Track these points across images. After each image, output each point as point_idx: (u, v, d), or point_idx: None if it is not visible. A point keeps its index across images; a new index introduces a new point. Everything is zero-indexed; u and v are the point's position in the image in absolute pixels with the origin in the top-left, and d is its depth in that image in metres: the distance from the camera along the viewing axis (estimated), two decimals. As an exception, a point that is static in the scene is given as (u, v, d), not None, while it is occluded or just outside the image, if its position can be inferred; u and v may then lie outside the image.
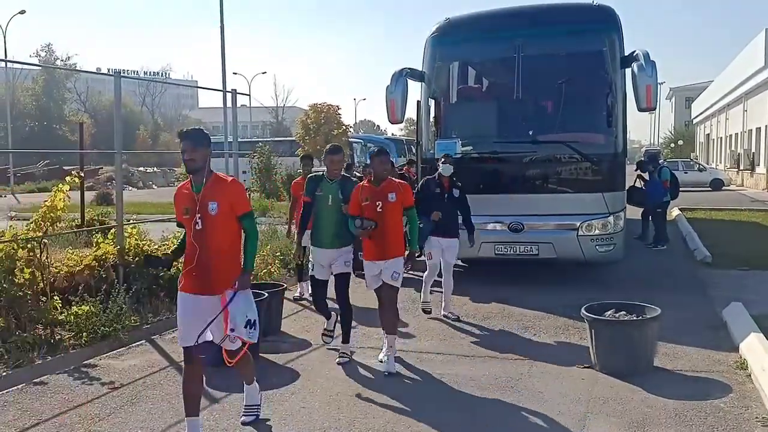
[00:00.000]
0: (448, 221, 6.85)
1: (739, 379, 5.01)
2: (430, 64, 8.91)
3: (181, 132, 3.99)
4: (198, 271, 3.86)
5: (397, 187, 5.43)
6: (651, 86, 7.58)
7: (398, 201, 5.36)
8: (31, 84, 59.99)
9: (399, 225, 5.48)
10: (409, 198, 5.49)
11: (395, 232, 5.44)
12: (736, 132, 37.04)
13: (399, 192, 5.38)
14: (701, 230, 12.90)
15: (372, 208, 5.33)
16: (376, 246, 5.37)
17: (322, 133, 26.91)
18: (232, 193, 3.92)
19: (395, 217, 5.41)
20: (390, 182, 5.46)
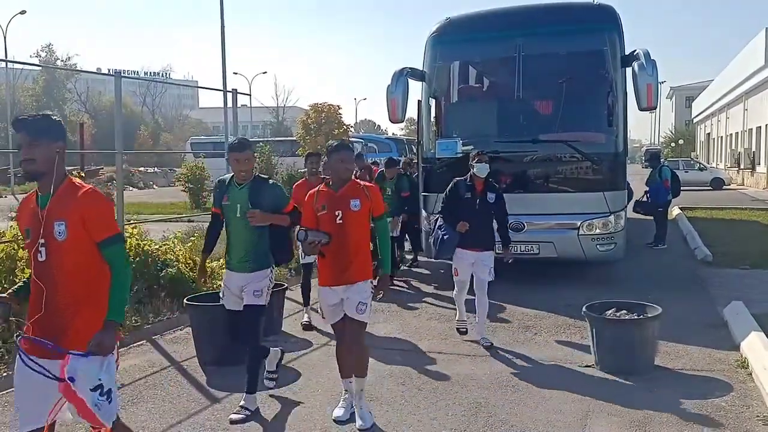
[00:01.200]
0: (479, 231, 5.88)
1: (740, 377, 5.00)
2: (431, 63, 8.91)
3: (15, 120, 2.77)
4: (44, 322, 2.69)
5: (362, 192, 4.25)
6: (651, 85, 7.58)
7: (364, 209, 4.22)
8: (32, 84, 60.07)
9: (365, 240, 4.33)
10: (379, 205, 4.34)
11: (360, 249, 4.26)
12: (736, 131, 37.03)
13: (365, 198, 4.22)
14: (702, 229, 12.90)
15: (330, 219, 4.18)
16: (334, 267, 4.20)
17: (322, 133, 26.88)
18: (86, 209, 2.72)
19: (360, 231, 4.25)
20: (353, 186, 4.28)
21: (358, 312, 4.20)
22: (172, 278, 7.21)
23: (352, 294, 4.20)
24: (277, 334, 6.49)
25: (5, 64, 44.92)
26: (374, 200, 4.30)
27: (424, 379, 5.17)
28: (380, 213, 4.35)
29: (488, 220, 6.03)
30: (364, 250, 4.32)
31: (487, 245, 5.99)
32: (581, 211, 8.10)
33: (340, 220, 4.18)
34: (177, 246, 7.97)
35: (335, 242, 4.15)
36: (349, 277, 4.19)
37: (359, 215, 4.21)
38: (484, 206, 5.96)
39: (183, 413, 4.55)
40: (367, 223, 4.30)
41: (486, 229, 6.00)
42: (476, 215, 5.89)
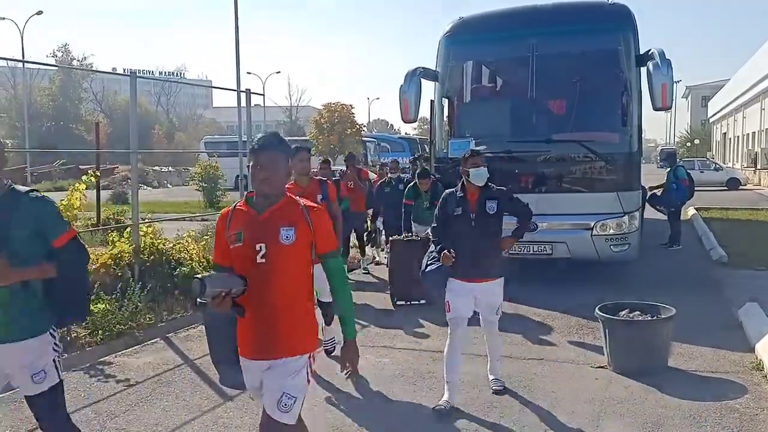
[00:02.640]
0: (479, 255, 4.48)
1: (755, 380, 4.96)
2: (444, 63, 8.90)
3: None
4: None
5: (300, 214, 2.80)
6: (666, 85, 7.52)
7: (302, 243, 2.77)
8: (48, 84, 60.64)
9: (303, 290, 2.84)
10: (327, 236, 2.86)
11: (293, 304, 2.79)
12: (753, 131, 36.62)
13: (304, 225, 2.78)
14: (717, 230, 12.78)
15: (247, 255, 2.74)
16: (255, 332, 2.79)
17: (335, 133, 26.98)
18: None
19: (294, 275, 2.79)
20: (287, 206, 2.81)
21: (280, 409, 2.71)
22: (186, 276, 7.27)
23: (272, 378, 2.74)
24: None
25: (22, 65, 45.45)
26: (319, 229, 2.81)
27: (436, 379, 5.16)
28: (329, 249, 2.86)
29: (490, 239, 4.57)
30: (301, 307, 2.81)
31: (491, 272, 4.57)
32: (595, 211, 8.05)
33: (262, 258, 2.71)
34: (191, 245, 8.04)
35: (254, 292, 2.72)
36: (275, 348, 2.75)
37: (293, 251, 2.74)
38: (483, 221, 4.53)
39: (196, 410, 4.59)
40: (304, 262, 2.81)
41: (488, 252, 4.54)
42: (473, 235, 4.48)
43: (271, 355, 2.76)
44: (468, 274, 4.50)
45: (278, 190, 2.77)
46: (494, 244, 4.61)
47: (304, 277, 2.84)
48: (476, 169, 4.52)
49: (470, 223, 4.52)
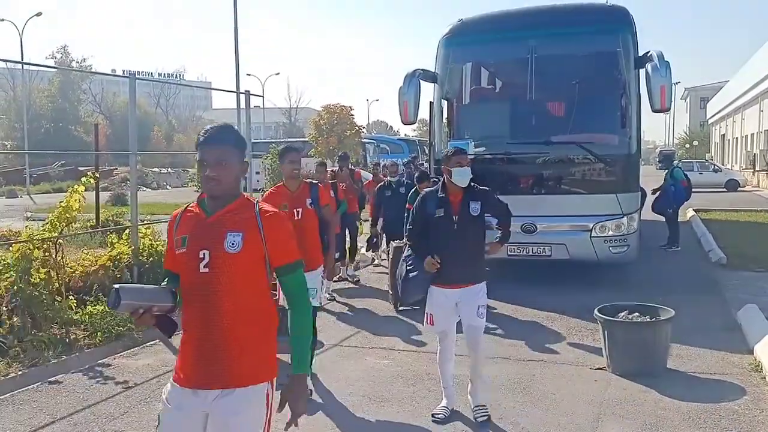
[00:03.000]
0: (461, 260, 4.18)
1: (754, 381, 4.96)
2: (443, 65, 8.91)
3: None
4: None
5: (251, 219, 2.36)
6: (665, 87, 7.54)
7: (250, 251, 2.33)
8: (47, 85, 60.66)
9: (256, 308, 2.39)
10: (284, 246, 2.39)
11: (246, 323, 2.35)
12: (751, 132, 36.64)
13: (253, 231, 2.34)
14: (716, 231, 12.78)
15: (189, 263, 2.36)
16: (197, 355, 2.36)
17: (335, 134, 26.97)
18: None
19: (243, 289, 2.34)
20: (240, 206, 2.39)
21: None
22: (185, 278, 7.25)
23: (219, 413, 2.31)
24: (286, 335, 6.50)
25: (21, 66, 45.41)
26: (272, 237, 2.33)
27: (435, 381, 5.15)
28: (285, 261, 2.38)
29: (475, 242, 4.27)
30: (253, 328, 2.35)
31: (475, 277, 4.26)
32: (594, 212, 8.06)
33: (205, 268, 2.30)
34: (190, 246, 8.02)
35: (196, 307, 2.33)
36: (218, 376, 2.31)
37: (241, 262, 2.28)
38: (466, 224, 4.22)
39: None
40: (257, 278, 2.35)
41: (473, 256, 4.27)
42: (455, 239, 4.18)
43: (217, 384, 2.30)
44: (450, 280, 4.19)
45: (229, 191, 2.36)
46: (478, 247, 4.31)
47: (257, 294, 2.37)
48: (460, 168, 4.21)
49: (453, 225, 4.21)
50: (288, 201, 4.85)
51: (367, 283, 9.40)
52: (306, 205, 4.91)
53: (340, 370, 5.46)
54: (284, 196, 4.92)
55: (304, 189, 5.02)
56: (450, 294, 4.25)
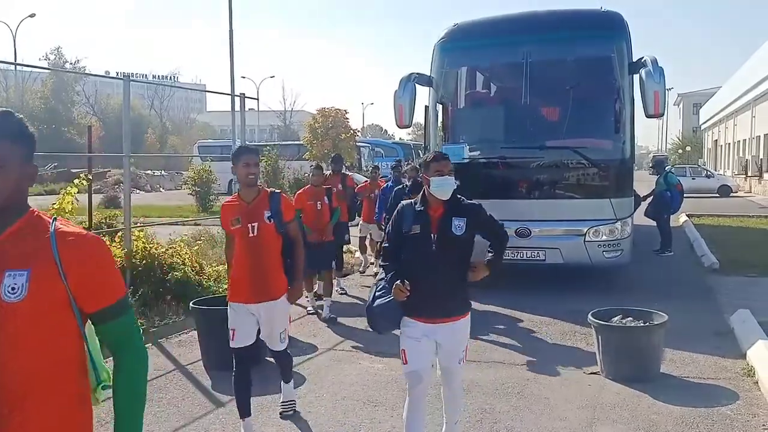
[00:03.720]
0: (440, 287, 3.44)
1: (746, 386, 4.98)
2: (439, 69, 8.93)
3: None
4: None
5: (43, 247, 1.62)
6: (659, 92, 7.58)
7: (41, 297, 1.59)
8: (40, 87, 60.40)
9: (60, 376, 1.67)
10: (96, 286, 1.67)
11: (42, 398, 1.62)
12: (744, 138, 36.88)
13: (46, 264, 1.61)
14: (709, 237, 12.85)
15: None
16: None
17: (329, 137, 26.97)
18: None
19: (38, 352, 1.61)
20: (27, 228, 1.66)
21: None
22: (178, 281, 7.24)
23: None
24: (283, 338, 6.49)
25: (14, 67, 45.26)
26: (80, 272, 1.64)
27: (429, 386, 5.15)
28: (105, 303, 1.71)
29: (456, 267, 3.50)
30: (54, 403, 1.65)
31: (458, 309, 3.52)
32: (588, 217, 8.09)
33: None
34: (183, 249, 8.00)
35: None
36: None
37: (27, 313, 1.58)
38: (447, 245, 3.44)
39: (188, 417, 4.57)
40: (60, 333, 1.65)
41: (454, 284, 3.49)
42: (433, 263, 3.43)
43: None
44: (427, 313, 3.43)
45: (6, 205, 1.63)
46: (460, 273, 3.50)
47: (62, 356, 1.66)
48: (440, 178, 3.43)
49: (430, 246, 3.42)
50: (241, 214, 4.05)
51: (364, 284, 9.39)
52: (264, 219, 4.01)
53: (334, 374, 5.45)
54: (237, 208, 4.09)
55: (263, 199, 4.06)
56: (427, 329, 3.45)
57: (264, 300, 4.06)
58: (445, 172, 3.48)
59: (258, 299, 4.04)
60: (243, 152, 4.06)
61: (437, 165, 3.48)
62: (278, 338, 4.19)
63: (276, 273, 4.12)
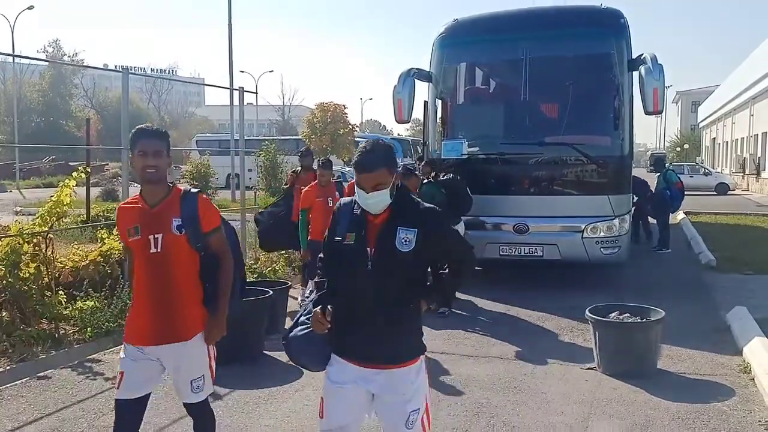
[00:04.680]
0: (378, 321, 2.58)
1: (743, 382, 5.00)
2: (438, 64, 8.92)
3: None
4: None
5: None
6: (658, 89, 7.58)
7: None
8: (38, 79, 60.23)
9: None
10: None
11: None
12: (742, 136, 36.91)
13: None
14: (706, 234, 12.87)
15: None
16: None
17: (328, 132, 26.91)
18: None
19: None
20: None
21: None
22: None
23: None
24: (280, 332, 6.49)
25: (12, 59, 45.08)
26: None
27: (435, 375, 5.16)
28: None
29: (401, 295, 2.60)
30: None
31: (397, 353, 2.61)
32: (586, 214, 8.09)
33: None
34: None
35: None
36: None
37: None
38: (388, 264, 2.57)
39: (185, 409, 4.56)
40: None
41: (394, 316, 2.59)
42: (368, 286, 2.57)
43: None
44: (358, 354, 2.60)
45: None
46: (406, 305, 2.61)
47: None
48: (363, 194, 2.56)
49: (365, 263, 2.55)
50: (141, 221, 2.94)
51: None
52: (171, 228, 2.92)
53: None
54: (137, 213, 2.98)
55: (172, 202, 2.98)
56: (357, 374, 2.59)
57: (168, 341, 2.95)
58: (367, 189, 2.52)
59: (159, 340, 2.94)
60: (139, 136, 2.93)
61: (357, 177, 2.55)
62: (190, 388, 3.02)
63: (187, 304, 2.98)
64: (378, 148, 2.56)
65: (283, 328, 6.62)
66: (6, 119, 50.86)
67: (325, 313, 2.60)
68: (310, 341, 2.68)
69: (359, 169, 2.55)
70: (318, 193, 6.96)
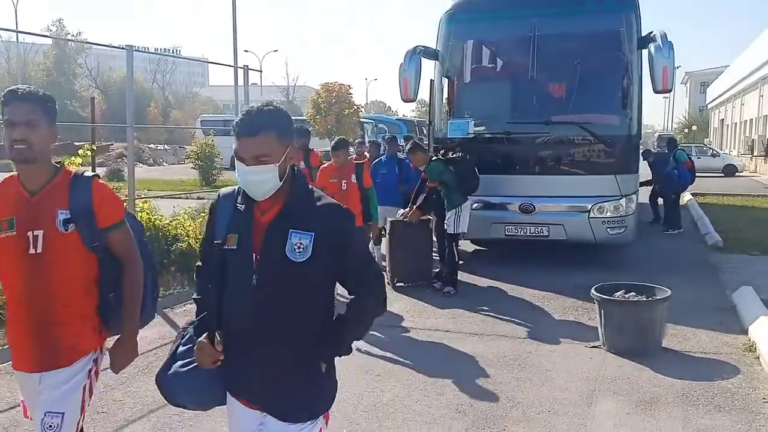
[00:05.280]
0: (261, 354, 2.00)
1: (747, 361, 5.01)
2: (445, 42, 8.83)
3: None
4: None
5: None
6: (667, 68, 7.49)
7: None
8: (42, 59, 60.07)
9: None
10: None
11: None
12: (750, 117, 36.57)
13: None
14: (713, 215, 12.83)
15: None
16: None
17: (333, 113, 26.79)
18: None
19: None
20: None
21: None
22: (183, 253, 7.27)
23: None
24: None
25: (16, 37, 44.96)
26: None
27: (432, 357, 5.20)
28: None
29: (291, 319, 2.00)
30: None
31: (291, 402, 2.05)
32: (592, 193, 8.06)
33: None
34: (187, 221, 8.01)
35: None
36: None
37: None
38: (276, 277, 1.98)
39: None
40: None
41: (287, 351, 2.02)
42: (253, 306, 2.00)
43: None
44: (247, 393, 2.07)
45: None
46: (304, 337, 2.02)
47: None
48: (242, 168, 1.95)
49: (250, 276, 1.97)
50: (17, 213, 2.29)
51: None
52: (56, 224, 2.27)
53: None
54: (11, 202, 2.31)
55: (57, 188, 2.32)
56: (249, 418, 2.08)
57: (48, 368, 2.33)
58: (247, 159, 1.93)
59: (40, 366, 2.33)
60: (7, 100, 2.24)
61: (235, 146, 1.95)
62: (41, 425, 2.27)
63: (72, 321, 2.34)
64: (268, 109, 1.97)
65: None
66: (11, 99, 50.83)
67: (215, 342, 2.00)
68: (193, 379, 2.08)
69: (237, 131, 1.94)
70: (333, 174, 6.46)
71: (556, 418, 4.04)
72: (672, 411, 4.13)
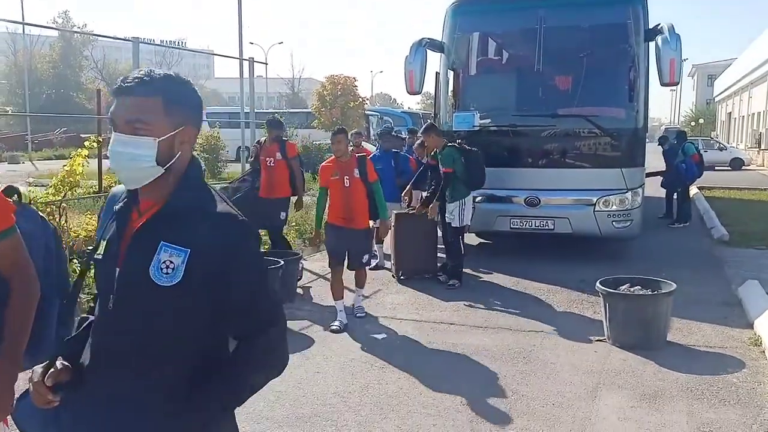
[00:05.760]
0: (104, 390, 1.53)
1: (753, 355, 5.00)
2: (450, 34, 8.80)
3: None
4: None
5: None
6: (675, 60, 7.45)
7: None
8: (48, 51, 60.17)
9: None
10: None
11: None
12: (758, 111, 36.32)
13: None
14: (719, 209, 12.77)
15: None
16: None
17: (338, 105, 26.77)
18: None
19: None
20: None
21: None
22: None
23: None
24: (293, 301, 6.55)
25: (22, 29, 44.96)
26: None
27: (436, 350, 5.21)
28: None
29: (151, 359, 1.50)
30: None
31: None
32: (598, 187, 8.03)
33: None
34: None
35: None
36: None
37: None
38: (136, 300, 1.51)
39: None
40: None
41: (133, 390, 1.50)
42: (107, 332, 1.58)
43: None
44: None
45: None
46: (164, 380, 1.52)
47: None
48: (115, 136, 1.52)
49: (109, 295, 1.58)
50: None
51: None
52: None
53: (342, 337, 5.50)
54: None
55: None
56: None
57: None
58: (119, 124, 1.52)
59: None
60: None
61: (112, 109, 1.54)
62: None
63: None
64: (165, 73, 1.58)
65: (294, 297, 6.68)
66: (18, 91, 50.92)
67: (57, 369, 1.54)
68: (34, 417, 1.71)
69: (114, 91, 1.53)
70: (333, 170, 5.96)
71: (561, 412, 4.05)
72: (677, 405, 4.13)
